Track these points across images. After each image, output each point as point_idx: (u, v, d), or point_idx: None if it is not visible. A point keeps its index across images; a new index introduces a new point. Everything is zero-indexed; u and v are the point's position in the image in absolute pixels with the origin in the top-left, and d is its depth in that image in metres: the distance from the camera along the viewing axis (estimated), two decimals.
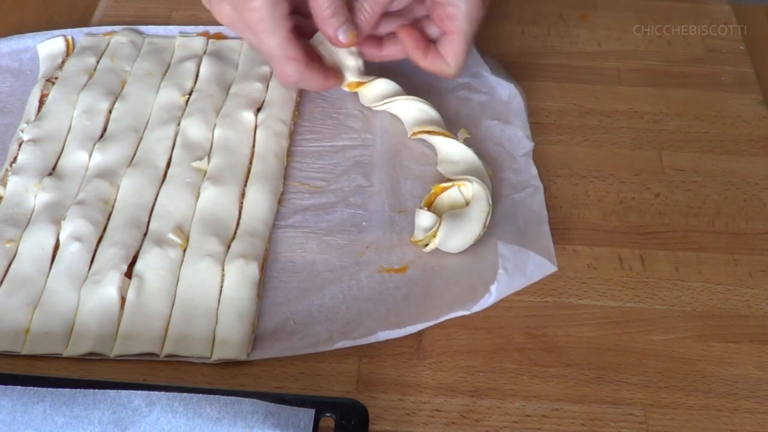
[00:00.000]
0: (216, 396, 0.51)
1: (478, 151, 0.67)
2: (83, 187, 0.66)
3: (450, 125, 0.71)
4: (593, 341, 0.59)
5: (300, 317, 0.60)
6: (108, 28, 0.80)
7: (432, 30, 0.71)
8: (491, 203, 0.64)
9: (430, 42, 0.70)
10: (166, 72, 0.75)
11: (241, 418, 0.50)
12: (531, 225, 0.64)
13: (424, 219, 0.63)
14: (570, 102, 0.76)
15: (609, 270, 0.63)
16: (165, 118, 0.71)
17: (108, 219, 0.64)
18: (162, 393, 0.51)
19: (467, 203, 0.64)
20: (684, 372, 0.58)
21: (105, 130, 0.71)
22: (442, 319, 0.58)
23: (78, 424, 0.50)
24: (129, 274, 0.61)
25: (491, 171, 0.67)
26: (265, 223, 0.65)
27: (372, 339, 0.57)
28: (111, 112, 0.72)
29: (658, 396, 0.56)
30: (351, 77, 0.72)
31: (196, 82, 0.75)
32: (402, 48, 0.70)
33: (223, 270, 0.61)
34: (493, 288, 0.57)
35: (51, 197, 0.65)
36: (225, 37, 0.79)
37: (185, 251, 0.62)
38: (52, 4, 0.85)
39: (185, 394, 0.51)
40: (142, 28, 0.80)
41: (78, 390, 0.51)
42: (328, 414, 0.51)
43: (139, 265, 0.61)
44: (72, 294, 0.60)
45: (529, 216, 0.65)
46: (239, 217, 0.65)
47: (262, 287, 0.61)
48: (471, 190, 0.64)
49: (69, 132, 0.70)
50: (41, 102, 0.73)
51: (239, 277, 0.60)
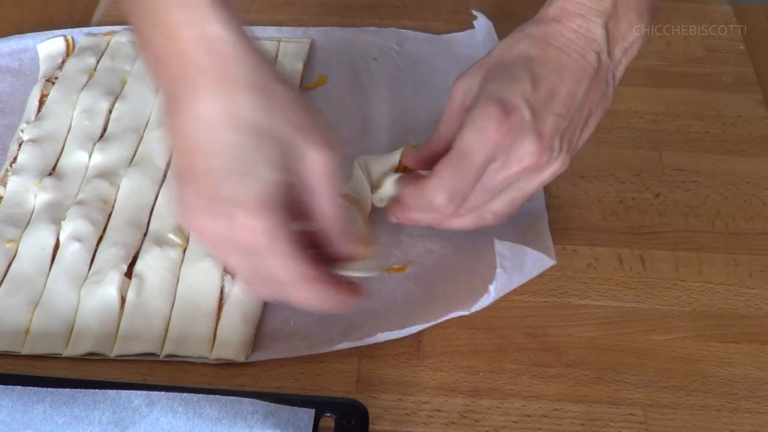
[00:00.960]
0: (216, 396, 0.51)
1: None
2: (83, 187, 0.66)
3: None
4: (593, 341, 0.59)
5: (300, 317, 0.60)
6: (108, 28, 0.80)
7: None
8: None
9: None
10: None
11: (241, 418, 0.50)
12: (530, 225, 0.64)
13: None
14: None
15: (609, 270, 0.63)
16: None
17: (108, 219, 0.64)
18: (162, 393, 0.51)
19: None
20: (684, 372, 0.58)
21: (105, 130, 0.71)
22: (441, 320, 0.58)
23: (78, 424, 0.50)
24: (129, 274, 0.61)
25: None
26: None
27: (372, 340, 0.57)
28: (111, 112, 0.72)
29: (658, 396, 0.56)
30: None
31: None
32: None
33: (224, 270, 0.61)
34: (492, 287, 0.57)
35: (51, 197, 0.65)
36: None
37: (185, 251, 0.62)
38: (52, 4, 0.85)
39: (185, 394, 0.51)
40: None
41: (78, 390, 0.51)
42: (328, 414, 0.51)
43: (139, 265, 0.61)
44: (72, 294, 0.60)
45: (529, 216, 0.65)
46: None
47: None
48: None
49: (69, 132, 0.70)
50: (41, 102, 0.73)
51: None
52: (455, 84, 0.59)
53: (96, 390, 0.51)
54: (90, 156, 0.68)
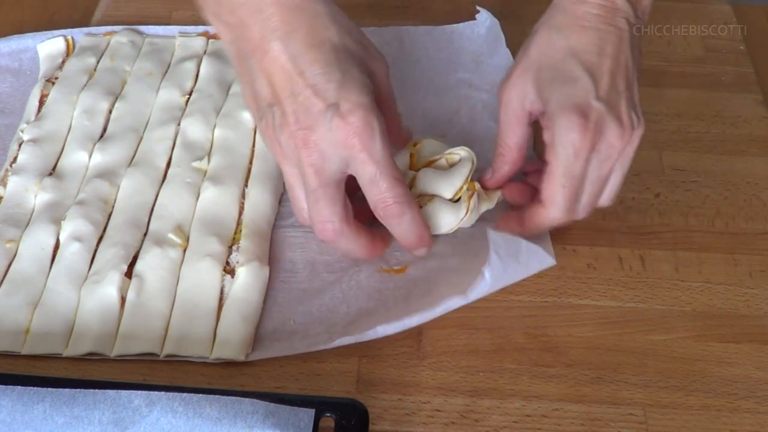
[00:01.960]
0: (216, 396, 0.51)
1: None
2: (83, 187, 0.66)
3: (449, 124, 0.71)
4: (593, 341, 0.59)
5: (300, 317, 0.60)
6: (108, 28, 0.80)
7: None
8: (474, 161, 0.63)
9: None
10: (166, 72, 0.75)
11: (241, 418, 0.50)
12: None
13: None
14: None
15: (609, 270, 0.63)
16: (165, 118, 0.71)
17: (108, 219, 0.64)
18: (162, 393, 0.51)
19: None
20: (684, 372, 0.58)
21: (105, 130, 0.71)
22: (439, 310, 0.56)
23: (78, 424, 0.50)
24: (129, 274, 0.61)
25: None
26: (268, 224, 0.65)
27: (371, 334, 0.57)
28: (111, 112, 0.72)
29: (658, 396, 0.56)
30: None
31: (196, 82, 0.75)
32: (537, 220, 0.61)
33: (223, 270, 0.61)
34: (486, 272, 0.54)
35: (51, 197, 0.65)
36: None
37: (185, 251, 0.62)
38: (52, 4, 0.85)
39: (185, 394, 0.51)
40: (142, 28, 0.80)
41: (78, 390, 0.51)
42: (328, 414, 0.51)
43: (139, 265, 0.61)
44: (72, 294, 0.60)
45: None
46: (239, 217, 0.65)
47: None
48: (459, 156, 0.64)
49: (69, 132, 0.70)
50: (41, 102, 0.73)
51: (252, 280, 0.60)
52: (504, 91, 0.60)
53: (96, 390, 0.51)
54: (90, 156, 0.68)
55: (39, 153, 0.68)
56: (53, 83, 0.74)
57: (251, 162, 0.68)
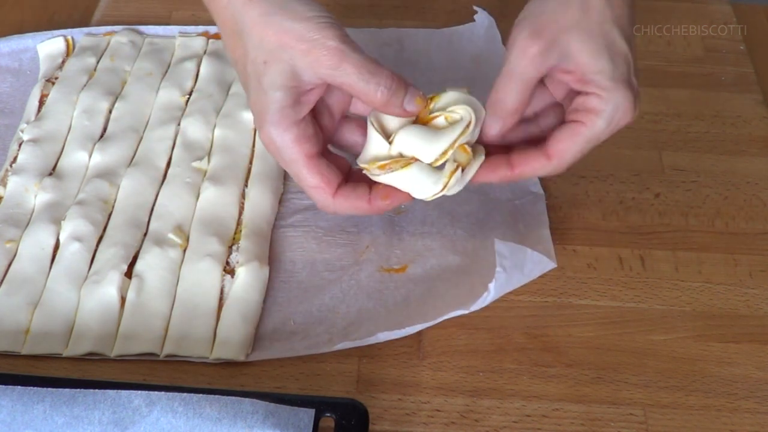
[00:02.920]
0: (216, 396, 0.51)
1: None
2: (83, 187, 0.66)
3: None
4: (593, 341, 0.59)
5: (300, 317, 0.60)
6: (108, 28, 0.80)
7: (533, 128, 0.61)
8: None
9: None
10: (166, 72, 0.75)
11: (241, 418, 0.50)
12: (531, 230, 0.64)
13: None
14: None
15: (609, 270, 0.63)
16: (165, 118, 0.71)
17: (108, 219, 0.64)
18: (162, 393, 0.51)
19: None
20: (684, 372, 0.58)
21: (105, 130, 0.71)
22: (441, 320, 0.58)
23: (78, 424, 0.50)
24: (129, 274, 0.61)
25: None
26: (268, 223, 0.65)
27: (372, 340, 0.57)
28: (111, 112, 0.72)
29: (658, 396, 0.56)
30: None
31: (196, 82, 0.75)
32: (532, 167, 0.58)
33: (223, 270, 0.61)
34: (492, 286, 0.57)
35: (51, 197, 0.65)
36: None
37: (185, 251, 0.62)
38: (52, 4, 0.85)
39: (185, 394, 0.51)
40: (142, 28, 0.80)
41: (78, 390, 0.51)
42: (328, 414, 0.51)
43: (139, 265, 0.61)
44: (72, 294, 0.60)
45: (530, 222, 0.65)
46: (239, 217, 0.65)
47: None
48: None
49: (69, 132, 0.70)
50: (41, 102, 0.73)
51: (252, 280, 0.60)
52: (516, 52, 0.56)
53: (96, 390, 0.51)
54: (90, 156, 0.68)
55: (39, 153, 0.68)
56: (53, 83, 0.74)
57: (251, 162, 0.68)
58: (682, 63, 0.80)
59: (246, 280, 0.60)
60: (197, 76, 0.75)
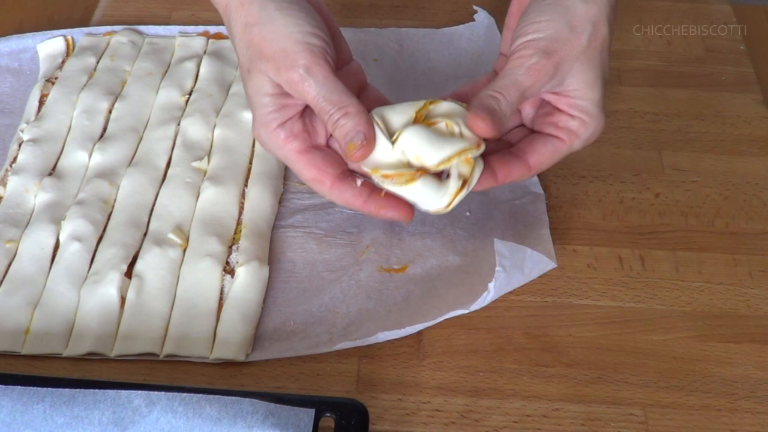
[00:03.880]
0: (216, 396, 0.51)
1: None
2: (83, 187, 0.66)
3: None
4: (593, 341, 0.59)
5: (300, 317, 0.60)
6: (108, 28, 0.80)
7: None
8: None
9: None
10: (166, 72, 0.75)
11: (241, 418, 0.50)
12: (531, 230, 0.64)
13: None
14: None
15: (609, 270, 0.63)
16: (165, 118, 0.71)
17: (108, 219, 0.64)
18: (162, 393, 0.51)
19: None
20: (684, 372, 0.58)
21: (105, 130, 0.71)
22: (440, 319, 0.58)
23: (78, 424, 0.50)
24: (129, 274, 0.61)
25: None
26: (268, 224, 0.65)
27: (372, 340, 0.57)
28: (111, 112, 0.72)
29: (658, 396, 0.56)
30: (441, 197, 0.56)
31: (196, 82, 0.75)
32: (513, 175, 0.59)
33: (223, 270, 0.61)
34: (492, 286, 0.57)
35: (51, 197, 0.65)
36: (225, 37, 0.79)
37: (185, 251, 0.62)
38: (52, 4, 0.85)
39: (185, 394, 0.51)
40: (142, 28, 0.80)
41: (78, 390, 0.51)
42: (328, 414, 0.51)
43: (139, 265, 0.61)
44: (72, 294, 0.60)
45: (530, 221, 0.65)
46: (239, 217, 0.65)
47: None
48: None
49: (69, 132, 0.70)
50: (41, 102, 0.73)
51: (252, 280, 0.60)
52: (532, 71, 0.56)
53: (96, 390, 0.51)
54: (90, 156, 0.68)
55: (39, 153, 0.68)
56: (53, 83, 0.74)
57: (251, 162, 0.68)
58: (682, 63, 0.80)
59: (246, 280, 0.60)
60: (197, 76, 0.75)
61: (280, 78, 0.56)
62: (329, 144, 0.60)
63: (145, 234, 0.64)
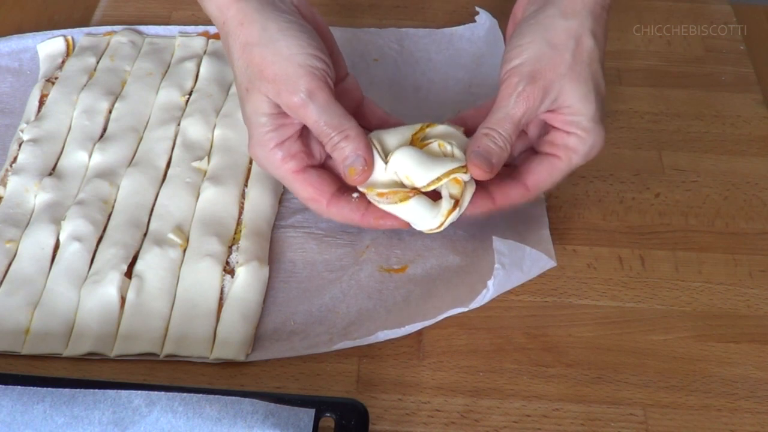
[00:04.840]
0: (216, 396, 0.51)
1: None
2: (83, 187, 0.66)
3: None
4: (593, 341, 0.59)
5: (300, 317, 0.60)
6: (108, 28, 0.80)
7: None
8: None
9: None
10: (166, 72, 0.75)
11: (241, 418, 0.50)
12: (531, 230, 0.64)
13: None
14: None
15: (609, 270, 0.63)
16: (165, 118, 0.71)
17: (108, 219, 0.64)
18: (162, 393, 0.51)
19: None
20: (684, 372, 0.58)
21: (105, 130, 0.71)
22: (440, 318, 0.58)
23: (78, 424, 0.50)
24: (129, 274, 0.61)
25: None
26: (268, 224, 0.65)
27: (372, 339, 0.57)
28: (111, 112, 0.72)
29: (658, 396, 0.56)
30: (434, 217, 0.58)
31: (196, 82, 0.75)
32: (512, 198, 0.60)
33: (224, 269, 0.61)
34: (491, 283, 0.57)
35: (51, 197, 0.65)
36: None
37: (185, 251, 0.62)
38: (52, 4, 0.85)
39: (185, 394, 0.51)
40: (142, 28, 0.80)
41: (78, 390, 0.51)
42: (328, 414, 0.51)
43: (139, 265, 0.61)
44: (72, 294, 0.60)
45: (530, 222, 0.65)
46: (239, 217, 0.65)
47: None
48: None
49: (69, 132, 0.70)
50: (41, 102, 0.73)
51: (252, 280, 0.60)
52: (527, 99, 0.57)
53: (96, 390, 0.51)
54: (90, 156, 0.68)
55: (39, 153, 0.68)
56: (53, 83, 0.74)
57: (251, 162, 0.68)
58: (682, 63, 0.80)
59: (246, 280, 0.60)
60: (197, 76, 0.75)
61: (280, 100, 0.56)
62: (325, 162, 0.61)
63: (145, 234, 0.64)
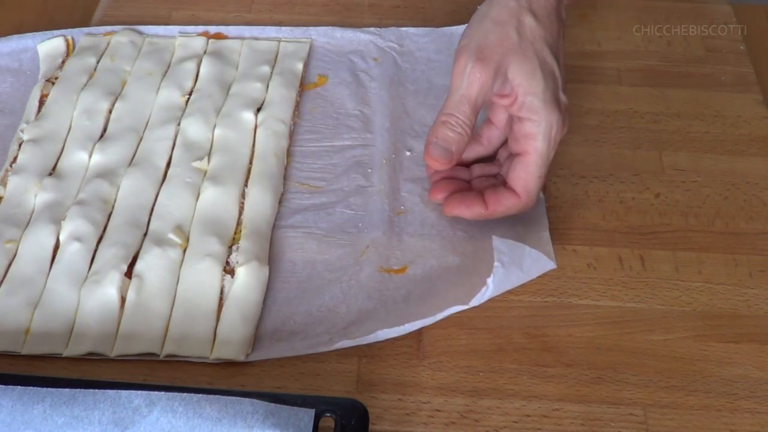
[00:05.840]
0: (216, 396, 0.51)
1: None
2: (83, 187, 0.66)
3: None
4: (593, 341, 0.59)
5: (300, 317, 0.60)
6: (108, 28, 0.80)
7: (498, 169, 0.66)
8: None
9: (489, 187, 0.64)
10: (166, 72, 0.75)
11: (241, 418, 0.50)
12: (531, 232, 0.64)
13: None
14: (570, 102, 0.75)
15: (609, 270, 0.63)
16: (165, 118, 0.71)
17: (108, 219, 0.64)
18: (162, 393, 0.51)
19: None
20: (684, 372, 0.58)
21: (105, 130, 0.71)
22: (440, 316, 0.58)
23: (78, 424, 0.50)
24: (129, 274, 0.61)
25: None
26: (268, 224, 0.65)
27: (372, 338, 0.57)
28: (111, 112, 0.72)
29: (658, 396, 0.56)
30: None
31: (196, 82, 0.75)
32: (504, 205, 0.63)
33: (223, 270, 0.61)
34: (490, 281, 0.57)
35: (51, 197, 0.65)
36: (225, 37, 0.79)
37: (185, 251, 0.62)
38: (52, 4, 0.85)
39: (185, 394, 0.51)
40: (142, 28, 0.80)
41: (78, 390, 0.51)
42: (328, 414, 0.51)
43: (139, 265, 0.61)
44: (72, 294, 0.60)
45: (529, 223, 0.65)
46: (239, 217, 0.65)
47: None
48: None
49: (69, 132, 0.70)
50: (41, 102, 0.73)
51: (251, 279, 0.60)
52: (477, 73, 0.59)
53: (96, 390, 0.51)
54: (90, 156, 0.68)
55: (39, 153, 0.68)
56: (53, 83, 0.74)
57: (251, 162, 0.68)
58: (682, 63, 0.80)
59: (246, 280, 0.60)
60: (197, 76, 0.75)
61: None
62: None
63: (145, 234, 0.64)
